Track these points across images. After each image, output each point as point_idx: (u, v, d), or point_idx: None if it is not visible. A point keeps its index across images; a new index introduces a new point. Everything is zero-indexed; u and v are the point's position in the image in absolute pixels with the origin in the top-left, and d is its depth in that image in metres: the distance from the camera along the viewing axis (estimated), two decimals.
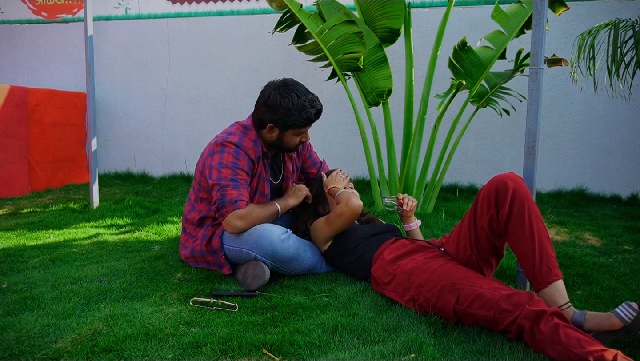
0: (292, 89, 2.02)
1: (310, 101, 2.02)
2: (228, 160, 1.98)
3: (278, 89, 2.02)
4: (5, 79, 5.18)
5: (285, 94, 1.99)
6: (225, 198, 1.94)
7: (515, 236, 1.57)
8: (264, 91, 2.06)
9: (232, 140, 2.01)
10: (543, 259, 1.52)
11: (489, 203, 1.61)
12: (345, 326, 1.51)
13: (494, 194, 1.60)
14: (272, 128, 2.04)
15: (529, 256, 1.54)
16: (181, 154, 4.94)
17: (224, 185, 1.95)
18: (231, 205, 1.93)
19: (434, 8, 4.30)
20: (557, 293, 1.50)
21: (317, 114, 2.05)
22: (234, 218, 1.93)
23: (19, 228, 2.86)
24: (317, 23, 3.11)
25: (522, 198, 1.56)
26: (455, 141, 3.27)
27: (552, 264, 1.53)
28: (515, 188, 1.57)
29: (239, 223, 1.94)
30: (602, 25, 2.66)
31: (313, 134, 4.60)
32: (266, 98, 2.03)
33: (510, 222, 1.57)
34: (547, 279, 1.51)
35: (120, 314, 1.60)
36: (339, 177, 2.12)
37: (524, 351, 1.37)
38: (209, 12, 4.78)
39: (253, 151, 2.04)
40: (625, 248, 2.53)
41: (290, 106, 1.98)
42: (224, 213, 1.94)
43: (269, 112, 2.02)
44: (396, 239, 1.91)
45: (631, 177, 4.00)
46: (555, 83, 4.09)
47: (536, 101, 1.80)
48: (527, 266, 1.55)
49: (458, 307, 1.50)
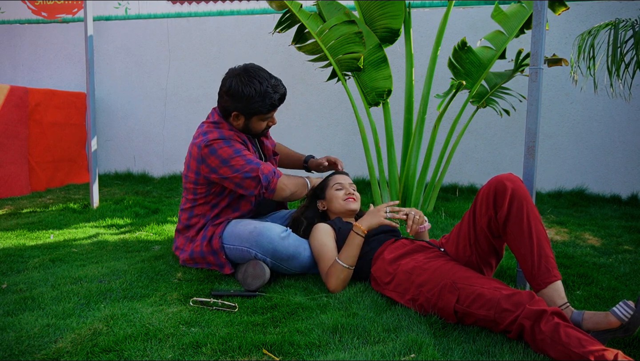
0: (254, 75, 2.00)
1: (273, 86, 2.01)
2: (228, 152, 1.97)
3: (239, 77, 2.00)
4: (5, 79, 5.18)
5: (247, 82, 1.98)
6: (264, 174, 1.96)
7: (513, 237, 1.57)
8: (225, 79, 2.04)
9: (213, 137, 1.99)
10: (542, 260, 1.53)
11: (487, 203, 1.61)
12: (345, 326, 1.51)
13: (493, 195, 1.60)
14: (237, 116, 2.05)
15: (528, 257, 1.54)
16: (181, 154, 4.93)
17: (248, 170, 1.95)
18: (274, 176, 1.99)
19: (434, 8, 4.30)
20: (556, 293, 1.51)
21: (280, 99, 2.05)
22: (282, 183, 2.01)
23: (19, 228, 2.86)
24: (317, 23, 3.11)
25: (520, 198, 1.57)
26: (455, 141, 3.27)
27: (551, 265, 1.53)
28: (513, 189, 1.57)
29: (288, 183, 2.03)
30: (602, 25, 2.65)
31: (313, 134, 4.64)
32: (228, 87, 2.01)
33: (509, 223, 1.57)
34: (545, 280, 1.52)
35: (120, 314, 1.60)
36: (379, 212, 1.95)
37: (524, 351, 1.37)
38: (209, 12, 4.78)
39: (237, 137, 2.05)
40: (625, 248, 2.53)
41: (252, 93, 1.97)
42: (273, 186, 1.99)
43: (232, 101, 2.01)
44: (396, 239, 1.91)
45: (631, 177, 4.00)
46: (555, 83, 4.09)
47: (536, 101, 1.80)
48: (525, 267, 1.56)
49: (458, 307, 1.50)
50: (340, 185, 2.13)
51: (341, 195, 2.10)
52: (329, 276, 1.85)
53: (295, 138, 4.53)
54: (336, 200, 2.09)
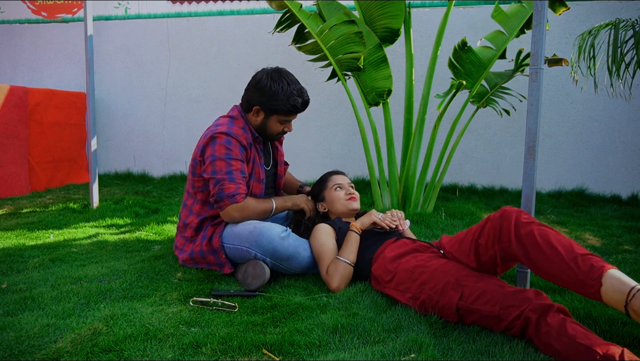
0: (284, 76, 2.09)
1: (299, 90, 2.09)
2: (221, 152, 2.00)
3: (270, 74, 2.09)
4: (5, 79, 5.18)
5: (276, 79, 2.06)
6: (223, 192, 1.98)
7: (539, 263, 1.43)
8: (257, 74, 2.13)
9: (221, 130, 2.03)
10: (578, 261, 1.35)
11: (493, 241, 1.54)
12: (345, 326, 1.51)
13: (497, 233, 1.52)
14: (258, 111, 2.10)
15: (564, 269, 1.36)
16: (181, 154, 4.94)
17: (220, 179, 1.98)
18: (229, 199, 1.98)
19: (434, 8, 4.30)
20: (617, 281, 1.28)
21: (303, 104, 2.11)
22: (232, 210, 2.00)
23: (18, 228, 2.86)
24: (317, 23, 3.11)
25: (525, 225, 1.47)
26: (455, 141, 3.27)
27: (593, 260, 1.34)
28: (516, 221, 1.49)
29: (236, 214, 2.01)
30: (602, 25, 2.65)
31: (313, 134, 4.63)
32: (257, 80, 2.09)
33: (528, 254, 1.45)
34: (594, 275, 1.31)
35: (120, 314, 1.60)
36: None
37: (524, 351, 1.37)
38: (209, 12, 4.78)
39: (244, 137, 2.06)
40: (625, 248, 2.53)
41: (279, 90, 2.04)
42: (222, 206, 2.00)
43: (257, 94, 2.07)
44: (397, 239, 1.91)
45: (631, 177, 4.00)
46: (555, 83, 4.09)
47: (536, 101, 1.80)
48: (568, 278, 1.36)
49: (462, 303, 1.49)
50: (339, 185, 2.13)
51: (342, 196, 2.11)
52: (330, 275, 1.85)
53: (295, 138, 4.52)
54: (338, 201, 2.09)
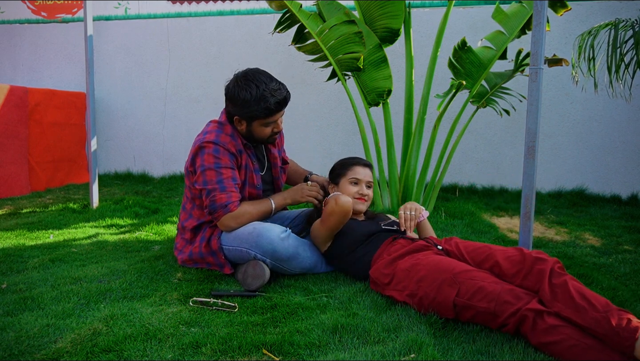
0: (252, 79, 1.96)
1: (271, 90, 1.95)
2: (210, 161, 1.97)
3: (237, 81, 1.99)
4: (5, 79, 5.18)
5: (243, 85, 1.96)
6: (215, 203, 1.95)
7: (568, 311, 1.37)
8: (227, 83, 2.04)
9: (209, 139, 2.00)
10: (610, 315, 1.29)
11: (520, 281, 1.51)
12: (345, 326, 1.51)
13: (525, 274, 1.49)
14: (239, 120, 2.03)
15: (597, 320, 1.30)
16: (181, 154, 4.93)
17: (211, 190, 1.96)
18: (222, 210, 1.95)
19: (434, 8, 4.29)
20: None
21: (278, 104, 1.97)
22: (227, 219, 1.97)
23: (18, 228, 2.86)
24: (317, 23, 3.11)
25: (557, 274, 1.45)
26: (455, 141, 3.27)
27: (625, 314, 1.29)
28: (551, 268, 1.46)
29: (232, 223, 1.98)
30: (602, 25, 2.66)
31: (313, 134, 4.63)
32: (227, 90, 2.02)
33: (555, 302, 1.41)
34: (629, 332, 1.25)
35: (120, 314, 1.60)
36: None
37: (524, 351, 1.37)
38: (209, 12, 4.78)
39: (232, 145, 2.02)
40: (625, 248, 2.53)
41: (248, 97, 1.94)
42: (217, 217, 1.98)
43: (231, 105, 2.02)
44: (394, 239, 1.91)
45: (631, 177, 4.00)
46: (555, 83, 4.09)
47: (536, 101, 1.80)
48: (601, 330, 1.29)
49: (458, 300, 1.49)
50: (356, 180, 2.09)
51: (353, 192, 2.07)
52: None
53: (295, 138, 4.53)
54: (347, 195, 2.07)
